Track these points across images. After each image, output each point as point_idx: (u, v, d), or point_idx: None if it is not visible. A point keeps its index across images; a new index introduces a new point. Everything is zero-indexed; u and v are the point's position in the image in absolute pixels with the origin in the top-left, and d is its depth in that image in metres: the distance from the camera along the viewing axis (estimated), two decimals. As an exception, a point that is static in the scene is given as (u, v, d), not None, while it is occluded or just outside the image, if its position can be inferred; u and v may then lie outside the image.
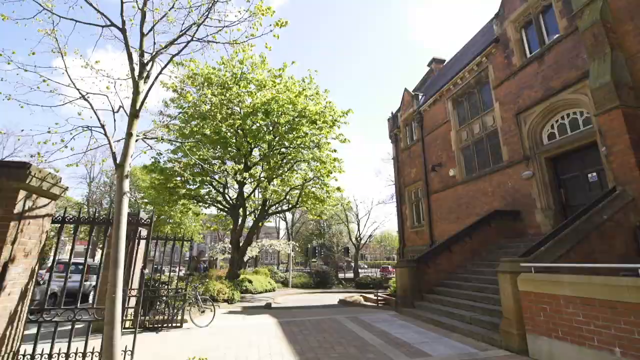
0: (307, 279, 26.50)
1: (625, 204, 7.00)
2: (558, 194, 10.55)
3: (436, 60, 23.29)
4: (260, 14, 4.60)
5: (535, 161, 11.01)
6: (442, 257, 10.58)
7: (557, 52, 10.28)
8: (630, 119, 7.37)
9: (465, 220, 13.62)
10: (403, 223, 19.84)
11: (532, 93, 11.15)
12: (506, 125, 12.24)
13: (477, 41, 16.67)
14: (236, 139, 14.80)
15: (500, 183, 12.38)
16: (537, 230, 10.72)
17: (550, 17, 10.85)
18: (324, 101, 15.75)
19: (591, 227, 6.67)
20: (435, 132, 16.94)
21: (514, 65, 11.97)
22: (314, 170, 17.14)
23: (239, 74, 12.88)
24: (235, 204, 17.97)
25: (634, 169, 7.10)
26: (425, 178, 17.34)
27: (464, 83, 14.81)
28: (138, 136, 4.55)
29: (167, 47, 4.62)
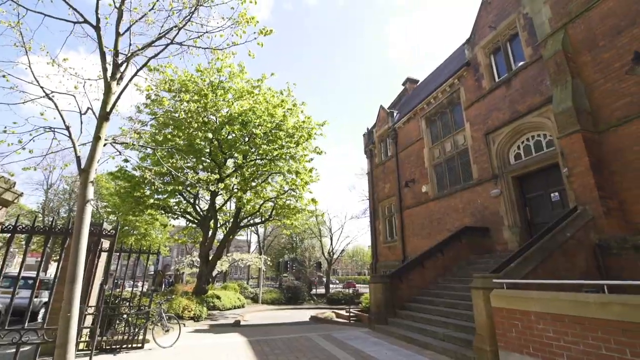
0: (278, 294, 25.83)
1: (585, 223, 7.41)
2: (524, 212, 11.05)
3: (410, 80, 24.19)
4: (244, 22, 4.51)
5: (503, 180, 11.52)
6: (415, 273, 10.66)
7: (523, 77, 10.97)
8: (589, 143, 7.92)
9: (437, 236, 13.92)
10: (376, 238, 19.98)
11: (500, 115, 11.77)
12: (476, 144, 12.79)
13: (450, 63, 17.51)
14: (210, 148, 14.40)
15: (471, 200, 12.82)
16: (504, 247, 11.12)
17: (517, 45, 11.62)
18: (301, 114, 15.79)
19: (555, 245, 6.98)
20: (409, 148, 17.39)
21: (483, 88, 12.63)
22: (289, 182, 16.98)
23: (216, 82, 12.64)
24: (206, 215, 17.34)
25: (593, 190, 7.58)
26: (398, 194, 17.66)
27: (437, 103, 15.42)
28: (107, 140, 4.25)
29: (144, 49, 4.42)
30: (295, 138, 14.88)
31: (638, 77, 7.41)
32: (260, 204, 18.28)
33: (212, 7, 4.35)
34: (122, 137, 4.83)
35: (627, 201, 7.48)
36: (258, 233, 43.33)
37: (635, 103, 7.48)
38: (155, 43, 4.61)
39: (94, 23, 4.02)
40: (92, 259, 5.64)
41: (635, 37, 7.57)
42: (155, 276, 11.62)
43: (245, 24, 4.46)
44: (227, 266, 23.19)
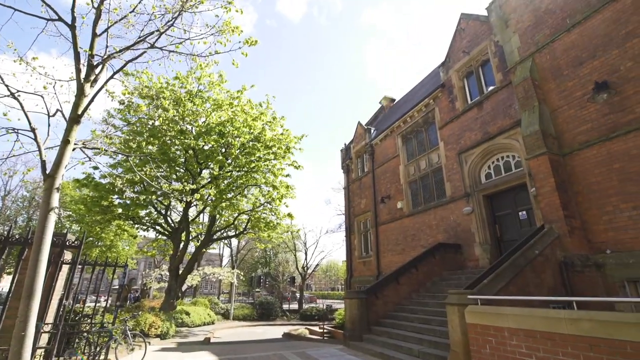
0: (250, 310, 25.02)
1: (552, 241, 7.76)
2: (494, 230, 11.44)
3: (387, 98, 24.91)
4: (230, 31, 4.47)
5: (475, 198, 11.92)
6: (390, 289, 10.68)
7: (493, 101, 11.57)
8: (555, 165, 8.39)
9: (411, 252, 14.10)
10: (351, 253, 19.96)
11: (472, 135, 12.29)
12: (450, 163, 13.23)
13: (426, 84, 18.22)
14: (185, 158, 14.00)
15: (444, 217, 13.14)
16: (475, 263, 11.41)
17: (489, 70, 12.29)
18: (280, 128, 15.75)
19: (525, 261, 7.23)
20: (385, 165, 17.72)
21: (457, 109, 13.19)
22: (266, 195, 16.74)
23: (194, 91, 12.41)
24: (178, 227, 16.69)
25: (558, 209, 7.98)
26: (374, 209, 17.83)
27: (413, 121, 15.91)
28: (76, 144, 4.00)
29: (122, 52, 4.25)
30: (274, 150, 14.78)
31: (598, 105, 8.01)
32: (235, 217, 17.85)
33: (196, 13, 4.28)
34: (93, 141, 4.57)
35: (589, 221, 7.93)
36: (231, 246, 42.15)
37: (595, 129, 8.05)
38: (134, 46, 4.46)
39: (69, 22, 3.83)
40: (52, 271, 5.19)
41: (595, 68, 8.22)
42: (121, 291, 10.87)
43: (230, 33, 4.42)
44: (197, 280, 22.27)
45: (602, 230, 7.66)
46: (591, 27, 8.52)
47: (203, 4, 4.10)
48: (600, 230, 7.69)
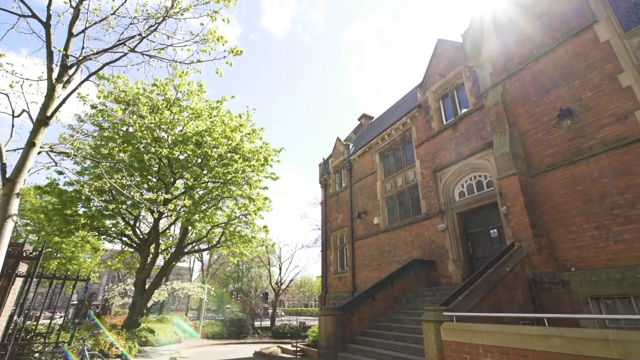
0: (220, 327, 23.98)
1: (522, 258, 8.04)
2: (466, 247, 11.73)
3: (366, 116, 25.44)
4: (215, 40, 4.42)
5: (449, 215, 12.23)
6: (366, 305, 10.60)
7: (467, 122, 12.08)
8: (524, 185, 8.79)
9: (387, 268, 14.16)
10: (327, 268, 19.78)
11: (447, 155, 12.71)
12: (425, 180, 13.57)
13: (404, 103, 18.80)
14: (159, 167, 13.51)
15: (419, 234, 13.36)
16: (449, 280, 11.60)
17: (463, 93, 12.88)
18: (259, 140, 15.62)
19: (497, 278, 7.42)
20: (362, 181, 17.92)
21: (433, 129, 13.65)
22: (241, 208, 16.39)
23: (172, 99, 12.11)
24: (147, 239, 15.91)
25: (527, 228, 8.32)
26: (351, 224, 17.88)
27: (391, 139, 16.28)
28: (42, 148, 3.74)
29: (99, 54, 4.08)
30: (252, 162, 14.58)
31: (563, 131, 8.53)
32: (208, 229, 17.28)
33: (180, 20, 4.21)
34: (60, 145, 4.30)
35: (555, 240, 8.31)
36: (202, 260, 40.70)
37: (560, 153, 8.55)
38: (112, 49, 4.30)
39: (44, 19, 3.64)
40: (4, 284, 4.73)
41: (559, 96, 8.80)
42: (80, 306, 9.99)
43: (215, 42, 4.37)
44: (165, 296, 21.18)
45: (568, 249, 8.04)
46: (556, 58, 9.17)
47: (189, 11, 4.04)
48: (566, 248, 8.07)
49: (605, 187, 7.66)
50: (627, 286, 6.90)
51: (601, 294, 7.25)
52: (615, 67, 7.99)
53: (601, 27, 8.44)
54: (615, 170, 7.55)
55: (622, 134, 7.61)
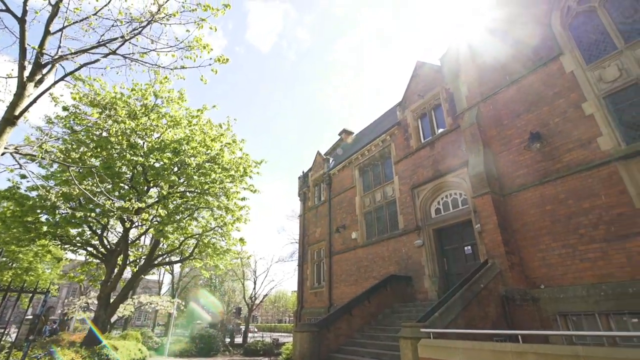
0: (189, 344, 22.88)
1: (495, 275, 8.24)
2: (442, 263, 11.93)
3: (346, 131, 25.79)
4: (199, 47, 4.36)
5: (425, 232, 12.44)
6: (343, 321, 10.46)
7: (444, 142, 12.49)
8: (497, 204, 9.11)
9: (364, 283, 14.13)
10: (303, 283, 19.48)
11: (424, 172, 13.03)
12: (403, 197, 13.80)
13: (384, 120, 19.24)
14: (133, 174, 12.99)
15: (396, 249, 13.47)
16: (425, 296, 11.70)
17: (440, 114, 13.36)
18: (239, 151, 15.41)
19: (472, 295, 7.55)
20: (342, 195, 18.00)
21: (411, 147, 14.01)
22: (218, 219, 15.98)
23: (151, 105, 11.79)
24: (114, 249, 15.10)
25: (500, 245, 8.58)
26: (329, 238, 17.80)
27: (370, 155, 16.55)
28: (7, 149, 3.49)
29: (77, 54, 3.92)
30: (231, 173, 14.33)
31: (532, 153, 8.98)
32: (181, 241, 16.66)
33: (166, 25, 4.13)
34: (27, 147, 4.04)
35: (526, 257, 8.61)
36: (173, 273, 39.06)
37: (531, 174, 8.97)
38: (91, 50, 4.15)
39: (19, 15, 3.47)
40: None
41: (529, 121, 9.30)
42: (36, 322, 9.16)
43: (201, 49, 4.31)
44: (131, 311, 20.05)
45: (537, 267, 8.34)
46: (527, 85, 9.74)
47: (175, 17, 3.98)
48: (536, 266, 8.37)
49: (571, 208, 8.07)
50: (592, 303, 7.20)
51: (568, 310, 7.52)
52: (579, 96, 8.57)
53: (566, 59, 9.08)
54: (580, 192, 7.99)
55: (585, 158, 8.10)
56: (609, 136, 7.83)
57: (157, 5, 3.83)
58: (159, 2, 3.81)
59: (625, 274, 6.99)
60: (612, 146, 7.73)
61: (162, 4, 3.78)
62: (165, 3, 3.85)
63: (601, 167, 7.77)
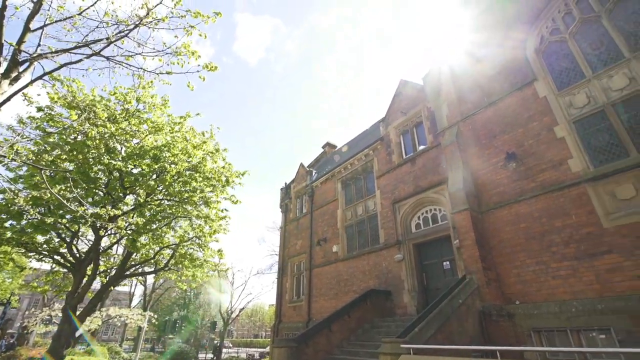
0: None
1: (473, 291, 8.37)
2: (421, 278, 12.02)
3: (330, 144, 26.04)
4: (187, 53, 4.33)
5: (406, 246, 12.56)
6: (322, 336, 10.28)
7: (425, 158, 12.80)
8: (475, 220, 9.34)
9: (344, 298, 14.01)
10: (282, 297, 19.11)
11: (405, 187, 13.25)
12: (385, 211, 13.94)
13: (367, 135, 19.54)
14: (109, 180, 12.53)
15: (377, 263, 13.50)
16: (404, 310, 11.71)
17: (422, 131, 13.72)
18: (221, 160, 15.20)
19: (451, 310, 7.63)
20: (324, 207, 17.98)
21: (393, 162, 14.26)
22: (196, 229, 15.55)
23: (132, 110, 11.51)
24: (84, 258, 14.34)
25: (478, 261, 8.76)
26: (310, 251, 17.65)
27: (353, 168, 16.72)
28: (-26, 148, 3.30)
29: (58, 53, 3.79)
30: (212, 182, 14.06)
31: (508, 172, 9.32)
32: (156, 251, 16.06)
33: (154, 29, 4.08)
34: (-3, 147, 3.84)
35: (502, 274, 8.81)
36: (146, 284, 37.48)
37: (507, 192, 9.29)
38: (73, 50, 4.03)
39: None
40: None
41: (506, 141, 9.69)
42: None
43: (189, 56, 4.27)
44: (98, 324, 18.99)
45: (513, 283, 8.54)
46: (504, 107, 10.19)
47: (164, 22, 3.95)
48: (511, 282, 8.57)
49: (545, 226, 8.37)
50: (564, 320, 7.41)
51: (542, 326, 7.70)
52: (551, 120, 9.03)
53: (540, 84, 9.59)
54: (553, 211, 8.32)
55: (557, 178, 8.48)
56: (579, 159, 8.25)
57: (145, 9, 3.79)
58: (147, 6, 3.77)
59: (594, 291, 7.26)
60: (581, 168, 8.13)
61: (151, 8, 3.75)
62: (155, 8, 3.83)
63: (572, 187, 8.15)
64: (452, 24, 12.74)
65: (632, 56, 8.04)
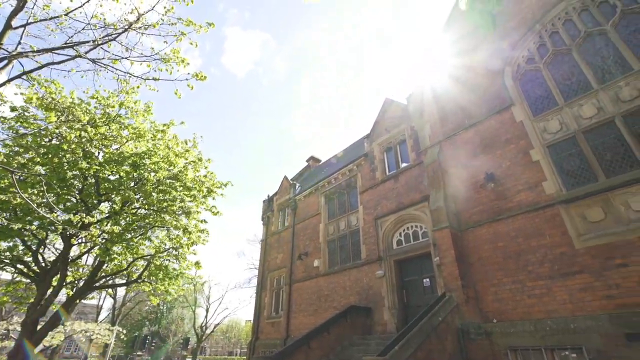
0: (126, 379, 20.60)
1: (452, 308, 8.43)
2: (402, 294, 12.03)
3: (314, 158, 26.16)
4: (177, 61, 4.30)
5: (387, 262, 12.59)
6: (301, 353, 10.02)
7: (408, 175, 13.03)
8: (455, 238, 9.51)
9: (324, 314, 13.80)
10: (260, 312, 18.62)
11: (388, 204, 13.40)
12: (367, 226, 13.99)
13: (352, 150, 19.77)
14: (83, 185, 12.04)
15: (358, 279, 13.43)
16: (384, 328, 11.63)
17: (405, 149, 14.03)
18: (204, 169, 14.94)
19: (431, 328, 7.63)
20: (306, 221, 17.88)
21: (377, 178, 14.44)
22: (174, 240, 15.05)
23: (113, 115, 11.22)
24: (50, 268, 13.54)
25: (457, 279, 8.86)
26: (290, 265, 17.40)
27: (337, 183, 16.80)
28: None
29: (40, 52, 3.67)
30: (193, 192, 13.76)
31: (487, 192, 9.61)
32: (130, 262, 15.39)
33: (144, 34, 4.04)
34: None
35: (480, 291, 8.94)
36: (115, 297, 35.68)
37: (485, 211, 9.54)
38: (56, 50, 3.92)
39: (-21, 4, 3.23)
40: None
41: (485, 162, 10.02)
42: None
43: (178, 63, 4.24)
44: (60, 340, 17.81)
45: (491, 301, 8.67)
46: (483, 129, 10.58)
47: (155, 28, 3.91)
48: (489, 300, 8.69)
49: (521, 245, 8.62)
50: (539, 338, 7.54)
51: (518, 345, 7.80)
52: (527, 144, 9.43)
53: (517, 109, 10.05)
54: (529, 231, 8.59)
55: (533, 200, 8.80)
56: (553, 181, 8.61)
57: (136, 14, 3.75)
58: (139, 11, 3.74)
59: (567, 310, 7.46)
60: (555, 190, 8.48)
61: (142, 13, 3.72)
62: (146, 13, 3.80)
63: (546, 208, 8.46)
64: (435, 46, 13.27)
65: (600, 88, 8.58)
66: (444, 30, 12.92)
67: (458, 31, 12.38)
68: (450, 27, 12.76)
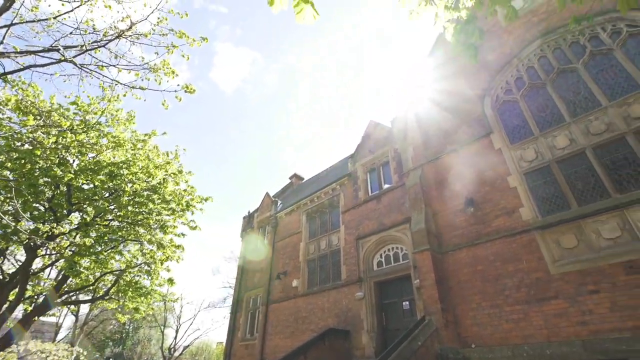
0: (82, 406, 19.00)
1: (431, 333, 8.37)
2: (381, 317, 11.87)
3: (297, 176, 26.10)
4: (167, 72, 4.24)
5: (367, 284, 12.47)
6: (275, 378, 9.62)
7: (390, 197, 13.17)
8: (435, 260, 9.58)
9: (301, 337, 13.39)
10: (234, 334, 17.87)
11: (370, 224, 13.43)
12: (348, 246, 13.91)
13: (335, 169, 19.88)
14: (54, 194, 11.43)
15: (337, 300, 13.20)
16: (362, 352, 11.37)
17: (388, 171, 14.24)
18: (184, 183, 14.57)
19: (410, 353, 7.52)
20: (287, 239, 17.60)
21: (359, 198, 14.51)
22: (147, 254, 14.40)
23: (92, 122, 10.86)
24: (7, 281, 12.57)
25: (437, 302, 8.86)
26: (268, 285, 16.94)
27: (319, 202, 16.74)
28: None
29: (23, 54, 3.54)
30: (171, 206, 13.33)
31: (467, 216, 9.81)
32: (97, 277, 14.53)
33: (134, 43, 3.97)
34: None
35: (460, 315, 8.95)
36: (78, 315, 33.42)
37: (465, 235, 9.71)
38: (40, 53, 3.79)
39: (-38, 0, 3.09)
40: None
41: (465, 186, 10.28)
42: None
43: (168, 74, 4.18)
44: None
45: (469, 325, 8.68)
46: (464, 154, 10.93)
47: (146, 37, 3.86)
48: (468, 325, 8.71)
49: (499, 269, 8.77)
50: (516, 364, 7.56)
51: (496, 371, 7.78)
52: (505, 170, 9.79)
53: (495, 137, 10.48)
54: (506, 256, 8.77)
55: (510, 225, 9.05)
56: (529, 208, 8.91)
57: (129, 22, 3.70)
58: (131, 20, 3.70)
59: (543, 335, 7.56)
60: (531, 217, 8.77)
61: (134, 22, 3.67)
62: (138, 23, 3.75)
63: (523, 234, 8.71)
64: (418, 71, 13.79)
65: (572, 120, 9.11)
66: (428, 55, 13.50)
67: (442, 56, 12.94)
68: (433, 53, 13.36)
